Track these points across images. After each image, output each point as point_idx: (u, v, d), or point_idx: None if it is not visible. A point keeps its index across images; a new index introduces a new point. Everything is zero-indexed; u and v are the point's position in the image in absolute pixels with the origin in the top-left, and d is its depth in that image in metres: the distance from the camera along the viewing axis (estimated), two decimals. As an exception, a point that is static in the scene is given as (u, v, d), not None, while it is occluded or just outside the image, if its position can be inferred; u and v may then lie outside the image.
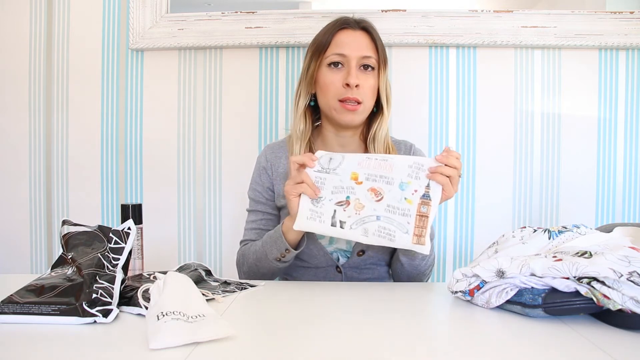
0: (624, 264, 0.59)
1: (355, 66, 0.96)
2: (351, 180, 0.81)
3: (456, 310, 0.70)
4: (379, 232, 0.80)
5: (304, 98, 1.03)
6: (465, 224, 1.39)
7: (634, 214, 1.37)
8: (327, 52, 0.98)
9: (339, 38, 0.98)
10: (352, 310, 0.71)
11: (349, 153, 0.84)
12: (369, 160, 0.81)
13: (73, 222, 0.79)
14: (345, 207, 0.81)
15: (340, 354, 0.53)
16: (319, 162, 0.84)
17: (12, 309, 0.62)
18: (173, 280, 0.65)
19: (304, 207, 0.84)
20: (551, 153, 1.37)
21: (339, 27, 0.99)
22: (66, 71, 1.44)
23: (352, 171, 0.82)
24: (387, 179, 0.80)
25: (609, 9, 1.33)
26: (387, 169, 0.80)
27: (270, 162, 1.06)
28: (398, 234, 0.79)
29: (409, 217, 0.79)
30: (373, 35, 1.00)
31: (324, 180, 0.83)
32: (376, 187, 0.80)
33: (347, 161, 0.83)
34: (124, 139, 1.44)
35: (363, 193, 0.81)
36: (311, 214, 0.83)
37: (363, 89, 0.97)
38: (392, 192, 0.80)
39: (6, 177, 1.46)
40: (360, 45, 0.97)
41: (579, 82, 1.36)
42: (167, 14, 1.38)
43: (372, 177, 0.81)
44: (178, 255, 1.44)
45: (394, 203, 0.79)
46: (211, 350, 0.53)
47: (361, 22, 1.00)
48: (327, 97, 0.98)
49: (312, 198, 0.83)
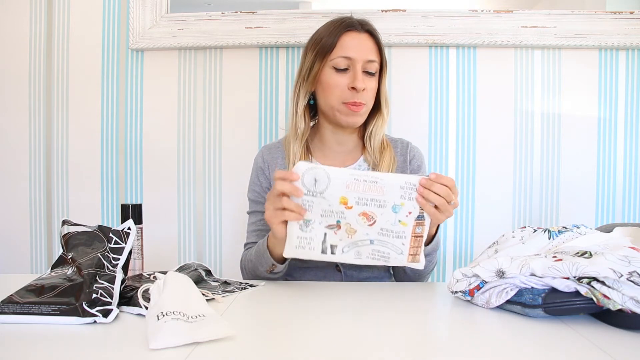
0: (624, 264, 0.59)
1: (360, 69, 0.97)
2: (340, 204, 0.76)
3: (456, 310, 0.70)
4: (373, 255, 0.78)
5: (304, 97, 1.03)
6: (465, 224, 1.39)
7: (634, 214, 1.37)
8: (332, 54, 0.98)
9: (344, 41, 0.98)
10: (352, 310, 0.71)
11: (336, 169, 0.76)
12: (358, 182, 0.75)
13: (73, 222, 0.79)
14: (336, 230, 0.77)
15: (340, 353, 0.53)
16: (304, 184, 0.76)
17: (12, 309, 0.62)
18: (173, 280, 0.65)
19: (292, 234, 0.78)
20: (551, 153, 1.37)
21: (345, 29, 0.98)
22: (66, 71, 1.44)
23: (340, 195, 0.75)
24: (378, 202, 0.76)
25: (609, 9, 1.33)
26: (378, 192, 0.76)
27: (267, 162, 1.06)
28: (393, 255, 0.77)
29: (403, 238, 0.77)
30: (377, 38, 1.01)
31: (312, 202, 0.77)
32: (367, 211, 0.76)
33: (334, 184, 0.75)
34: (124, 139, 1.44)
35: (354, 218, 0.76)
36: (299, 242, 0.78)
37: (367, 92, 0.98)
38: (385, 215, 0.76)
39: (6, 177, 1.46)
40: (366, 49, 0.98)
41: (579, 82, 1.36)
42: (167, 14, 1.38)
43: (362, 200, 0.76)
44: (178, 255, 1.44)
45: (387, 226, 0.76)
46: (211, 350, 0.53)
47: (365, 25, 1.01)
48: (331, 98, 0.98)
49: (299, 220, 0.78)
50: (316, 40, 1.01)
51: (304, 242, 0.78)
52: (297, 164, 0.77)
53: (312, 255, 0.78)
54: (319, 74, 1.00)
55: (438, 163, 1.38)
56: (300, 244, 0.78)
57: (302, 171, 0.76)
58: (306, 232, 0.77)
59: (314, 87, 1.03)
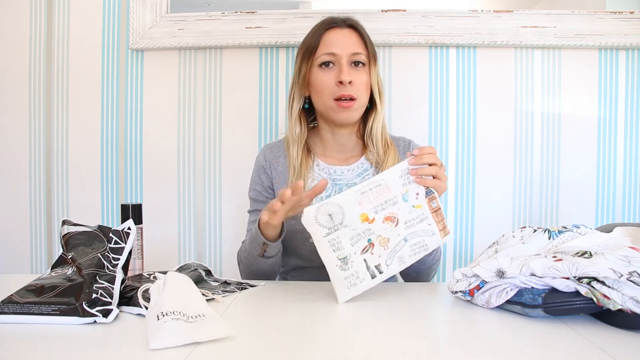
0: (624, 264, 0.59)
1: (346, 63, 0.97)
2: (363, 222, 0.77)
3: (456, 310, 0.70)
4: (413, 251, 0.78)
5: (297, 101, 1.03)
6: (465, 223, 1.39)
7: (634, 214, 1.37)
8: (317, 53, 0.98)
9: (327, 38, 0.99)
10: (352, 310, 0.71)
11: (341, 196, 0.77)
12: (365, 194, 0.77)
13: (73, 222, 0.79)
14: (371, 250, 0.77)
15: (340, 354, 0.53)
16: (321, 225, 0.76)
17: (12, 309, 0.62)
18: (173, 280, 0.65)
19: (337, 278, 0.76)
20: (551, 153, 1.37)
21: (326, 27, 1.00)
22: (66, 71, 1.44)
23: (359, 214, 0.76)
24: (391, 200, 0.77)
25: (609, 9, 1.33)
26: (386, 192, 0.77)
27: (269, 161, 1.06)
28: (428, 240, 0.78)
29: (427, 219, 0.78)
30: (361, 31, 1.01)
31: (338, 238, 0.76)
32: (388, 214, 0.77)
33: (348, 208, 0.76)
34: (124, 139, 1.44)
35: (381, 227, 0.77)
36: (348, 282, 0.76)
37: (356, 85, 0.97)
38: (402, 209, 0.77)
39: (6, 177, 1.46)
40: (349, 42, 0.98)
41: (579, 82, 1.36)
42: (167, 14, 1.38)
43: (379, 207, 0.77)
44: (178, 255, 1.44)
45: (408, 217, 0.77)
46: (211, 350, 0.53)
47: (347, 20, 1.01)
48: (322, 97, 0.99)
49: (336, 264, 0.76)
50: (302, 44, 1.03)
51: (353, 279, 0.76)
52: (304, 213, 0.77)
53: (365, 286, 0.76)
54: (308, 76, 1.01)
55: (438, 163, 1.38)
56: (351, 282, 0.76)
57: (314, 215, 0.76)
58: (348, 269, 0.76)
59: (308, 92, 1.03)
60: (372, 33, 1.09)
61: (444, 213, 0.80)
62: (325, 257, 0.77)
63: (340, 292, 0.76)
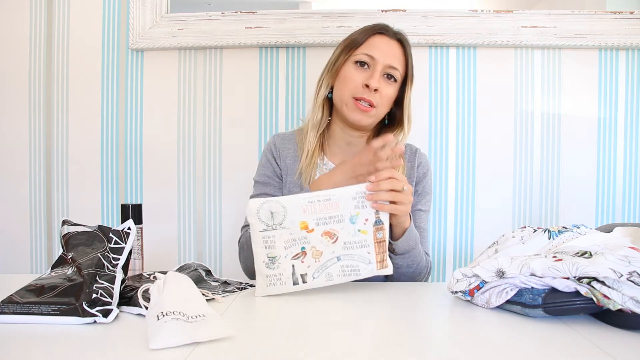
0: (624, 264, 0.59)
1: (379, 71, 0.97)
2: (302, 230, 0.77)
3: (456, 310, 0.70)
4: (343, 272, 0.78)
5: (324, 89, 1.04)
6: (465, 224, 1.39)
7: (634, 214, 1.37)
8: (357, 50, 0.99)
9: (373, 40, 0.99)
10: (352, 310, 0.71)
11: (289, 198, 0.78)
12: (313, 204, 0.77)
13: (73, 222, 0.79)
14: (302, 258, 0.78)
15: (340, 353, 0.53)
16: (261, 220, 0.78)
17: (12, 309, 0.62)
18: (173, 280, 0.65)
19: (259, 272, 0.78)
20: (551, 153, 1.37)
21: (377, 31, 1.00)
22: (66, 71, 1.44)
23: (300, 221, 0.77)
24: (336, 217, 0.77)
25: (609, 9, 1.33)
26: (334, 208, 0.77)
27: (279, 149, 1.07)
28: (362, 267, 0.78)
29: (367, 246, 0.78)
30: (406, 49, 1.02)
31: (273, 237, 0.77)
32: (329, 229, 0.77)
33: (291, 211, 0.77)
34: (124, 139, 1.44)
35: (317, 239, 0.77)
36: (269, 280, 0.78)
37: (380, 95, 0.97)
38: (345, 229, 0.77)
39: (6, 177, 1.46)
40: (391, 53, 0.98)
41: (579, 82, 1.36)
42: (167, 14, 1.38)
43: (322, 220, 0.77)
44: (178, 255, 1.44)
45: (349, 238, 0.78)
46: (211, 350, 0.53)
47: (398, 34, 1.02)
48: (343, 91, 0.99)
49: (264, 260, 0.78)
50: (348, 37, 1.03)
51: (274, 279, 0.78)
52: (248, 203, 0.78)
53: (284, 289, 0.78)
54: (341, 67, 1.01)
55: (438, 163, 1.38)
56: (271, 281, 0.78)
57: (256, 208, 0.78)
58: (273, 269, 0.78)
59: (334, 81, 1.03)
60: (372, 33, 1.10)
61: (386, 247, 0.80)
62: (256, 250, 0.79)
63: (259, 286, 0.79)
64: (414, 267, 0.93)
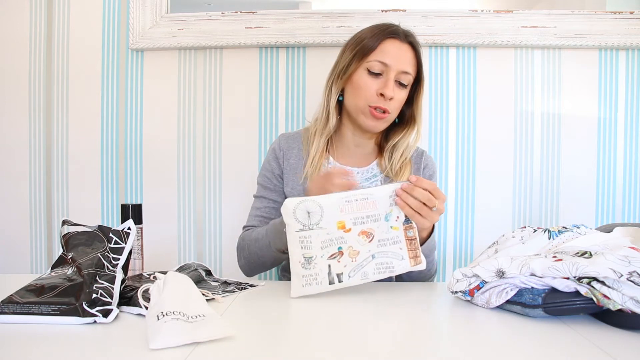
0: (624, 264, 0.59)
1: (392, 78, 0.97)
2: (339, 230, 0.76)
3: (456, 310, 0.70)
4: (378, 270, 0.78)
5: (336, 94, 1.03)
6: (465, 224, 1.39)
7: (634, 214, 1.37)
8: (370, 57, 0.97)
9: (385, 46, 0.97)
10: (352, 310, 0.71)
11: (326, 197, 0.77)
12: (350, 203, 0.76)
13: (73, 222, 0.79)
14: (339, 258, 0.77)
15: (340, 353, 0.53)
16: (297, 219, 0.77)
17: (12, 309, 0.62)
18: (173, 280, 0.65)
19: (296, 273, 0.78)
20: (551, 153, 1.37)
21: (388, 35, 0.98)
22: (66, 71, 1.44)
23: (337, 221, 0.76)
24: (373, 216, 0.77)
25: (609, 9, 1.33)
26: (371, 207, 0.77)
27: (284, 150, 1.07)
28: (396, 263, 0.78)
29: (399, 243, 0.78)
30: (418, 52, 1.00)
31: (310, 238, 0.76)
32: (366, 229, 0.77)
33: (328, 211, 0.76)
34: (124, 139, 1.44)
35: (354, 239, 0.77)
36: (305, 280, 0.77)
37: (394, 102, 0.98)
38: (381, 227, 0.77)
39: (6, 177, 1.46)
40: (404, 59, 0.98)
41: (579, 82, 1.36)
42: (167, 14, 1.38)
43: (359, 220, 0.77)
44: (178, 255, 1.44)
45: (383, 236, 0.78)
46: (211, 350, 0.53)
47: (409, 36, 1.00)
48: (359, 99, 0.98)
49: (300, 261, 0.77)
50: (357, 40, 1.01)
51: (310, 280, 0.77)
52: (285, 203, 0.77)
53: (320, 289, 0.77)
54: (353, 74, 1.00)
55: (438, 163, 1.38)
56: (307, 282, 0.77)
57: (293, 208, 0.77)
58: (309, 269, 0.77)
59: (344, 86, 1.02)
60: (372, 33, 1.09)
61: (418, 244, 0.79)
62: (292, 250, 0.78)
63: (294, 287, 0.78)
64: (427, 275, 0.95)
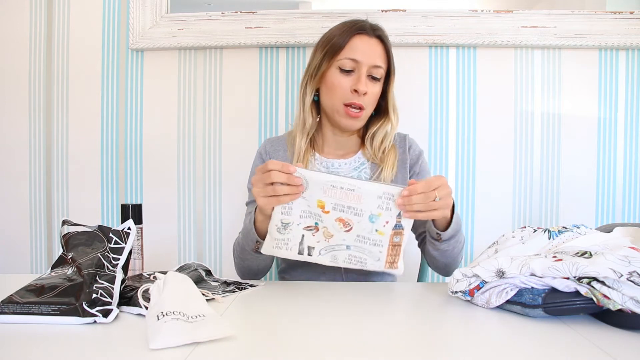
0: (624, 264, 0.59)
1: (364, 73, 0.97)
2: (318, 207, 0.76)
3: (456, 310, 0.70)
4: (350, 260, 0.78)
5: (310, 94, 1.03)
6: (465, 224, 1.39)
7: (634, 214, 1.37)
8: (340, 55, 0.98)
9: (354, 43, 0.98)
10: (352, 310, 0.71)
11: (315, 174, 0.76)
12: (334, 189, 0.75)
13: (73, 222, 0.79)
14: (314, 232, 0.78)
15: (340, 353, 0.53)
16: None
17: (12, 309, 0.62)
18: (173, 280, 0.65)
19: (270, 234, 0.79)
20: (551, 153, 1.37)
21: (355, 31, 0.99)
22: (66, 71, 1.44)
23: (317, 199, 0.76)
24: (355, 210, 0.76)
25: (609, 9, 1.33)
26: (355, 200, 0.75)
27: (270, 154, 1.07)
28: (370, 261, 0.78)
29: (380, 246, 0.77)
30: (387, 44, 1.01)
31: (291, 204, 0.77)
32: (344, 217, 0.76)
33: (312, 187, 0.76)
34: (124, 139, 1.44)
35: (330, 222, 0.77)
36: (277, 243, 0.78)
37: (368, 97, 0.98)
38: (362, 224, 0.76)
39: (6, 177, 1.46)
40: (373, 53, 0.98)
41: (579, 82, 1.36)
42: (167, 14, 1.38)
43: (339, 207, 0.76)
44: (178, 255, 1.44)
45: (364, 234, 0.77)
46: (211, 350, 0.53)
47: (377, 30, 1.00)
48: (333, 98, 0.99)
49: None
50: (327, 40, 1.01)
51: (282, 244, 0.78)
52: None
53: (289, 255, 0.79)
54: (325, 73, 1.00)
55: (438, 163, 1.38)
56: (278, 245, 0.78)
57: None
58: (284, 234, 0.78)
59: (319, 85, 1.03)
60: (372, 33, 1.09)
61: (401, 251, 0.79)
62: (274, 214, 0.78)
63: (266, 245, 0.80)
64: (458, 248, 0.94)
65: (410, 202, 0.75)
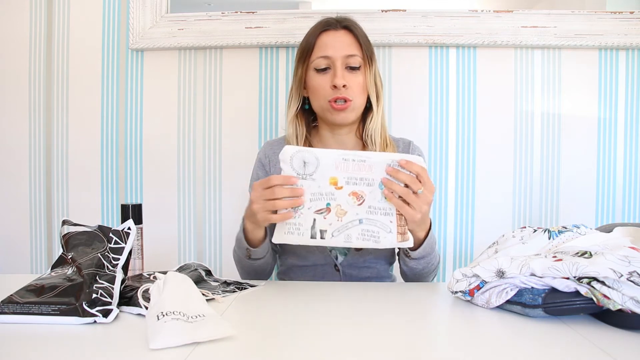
0: (624, 264, 0.59)
1: (340, 66, 0.97)
2: (330, 185, 0.76)
3: (456, 310, 0.70)
4: (363, 236, 0.77)
5: (295, 103, 1.04)
6: (465, 224, 1.39)
7: (634, 214, 1.37)
8: (312, 56, 0.99)
9: (322, 40, 0.99)
10: (352, 311, 0.71)
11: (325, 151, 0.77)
12: (346, 162, 0.76)
13: (73, 222, 0.79)
14: (325, 214, 0.77)
15: (340, 354, 0.53)
16: (293, 167, 0.77)
17: (12, 309, 0.62)
18: (173, 280, 0.65)
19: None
20: (551, 153, 1.37)
21: (321, 29, 1.00)
22: (66, 71, 1.44)
23: (330, 176, 0.76)
24: (367, 180, 0.76)
25: (609, 9, 1.33)
26: (367, 170, 0.76)
27: (269, 157, 1.07)
28: (382, 235, 0.77)
29: (390, 215, 0.77)
30: (355, 32, 1.00)
31: (301, 187, 0.77)
32: (358, 190, 0.76)
33: (323, 164, 0.76)
34: (124, 139, 1.44)
35: (344, 198, 0.77)
36: (288, 228, 0.78)
37: (351, 88, 0.97)
38: (373, 193, 0.77)
39: (6, 177, 1.46)
40: (343, 44, 0.98)
41: (579, 82, 1.36)
42: (167, 14, 1.38)
43: (352, 180, 0.76)
44: (178, 255, 1.44)
45: (374, 203, 0.77)
46: (211, 350, 0.53)
47: (343, 22, 1.01)
48: (318, 99, 1.00)
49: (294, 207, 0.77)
50: (300, 46, 1.03)
51: (293, 228, 0.78)
52: (284, 149, 0.78)
53: (301, 240, 0.78)
54: (305, 78, 1.01)
55: (438, 163, 1.38)
56: (289, 229, 0.78)
57: (290, 155, 0.77)
58: (295, 218, 0.78)
59: (306, 93, 1.04)
60: (372, 33, 1.10)
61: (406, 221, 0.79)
62: None
63: (278, 234, 0.79)
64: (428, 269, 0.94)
65: (396, 174, 0.75)
